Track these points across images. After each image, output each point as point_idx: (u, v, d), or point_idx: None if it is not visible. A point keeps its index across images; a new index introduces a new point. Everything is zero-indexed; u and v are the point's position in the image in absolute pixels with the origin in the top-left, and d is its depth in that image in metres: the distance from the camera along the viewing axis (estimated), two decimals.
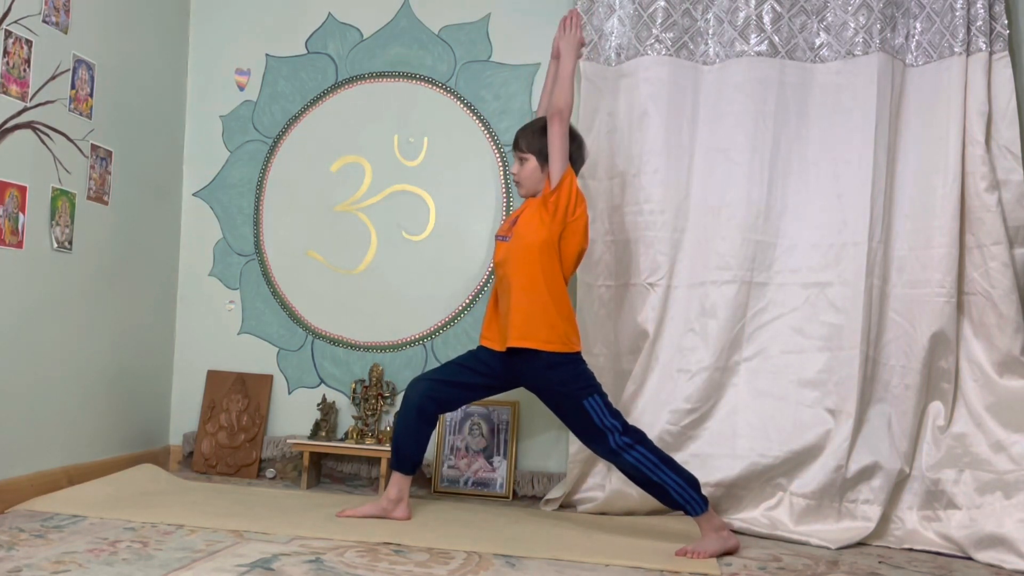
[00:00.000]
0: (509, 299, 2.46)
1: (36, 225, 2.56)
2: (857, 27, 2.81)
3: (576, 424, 2.47)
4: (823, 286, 2.76)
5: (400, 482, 2.57)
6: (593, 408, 2.40)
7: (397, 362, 3.23)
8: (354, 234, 3.29)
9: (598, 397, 2.42)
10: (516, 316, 2.44)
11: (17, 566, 1.87)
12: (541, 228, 2.44)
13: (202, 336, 3.35)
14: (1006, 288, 2.61)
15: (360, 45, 3.32)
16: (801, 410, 2.71)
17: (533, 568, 2.09)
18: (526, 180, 2.55)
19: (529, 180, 2.54)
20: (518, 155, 2.57)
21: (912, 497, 2.63)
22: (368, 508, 2.56)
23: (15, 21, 2.45)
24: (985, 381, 2.65)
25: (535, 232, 2.45)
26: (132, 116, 3.04)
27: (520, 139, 2.56)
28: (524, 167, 2.55)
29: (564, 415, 2.50)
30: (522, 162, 2.55)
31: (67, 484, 2.67)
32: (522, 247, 2.46)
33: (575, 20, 2.60)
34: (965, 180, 2.67)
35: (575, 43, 2.56)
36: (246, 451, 3.23)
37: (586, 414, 2.40)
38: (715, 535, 2.35)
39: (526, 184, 2.55)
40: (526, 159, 2.54)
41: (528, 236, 2.45)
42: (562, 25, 2.61)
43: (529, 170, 2.54)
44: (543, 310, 2.43)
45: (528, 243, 2.45)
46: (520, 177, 2.56)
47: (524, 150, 2.54)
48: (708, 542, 2.33)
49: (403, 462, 2.57)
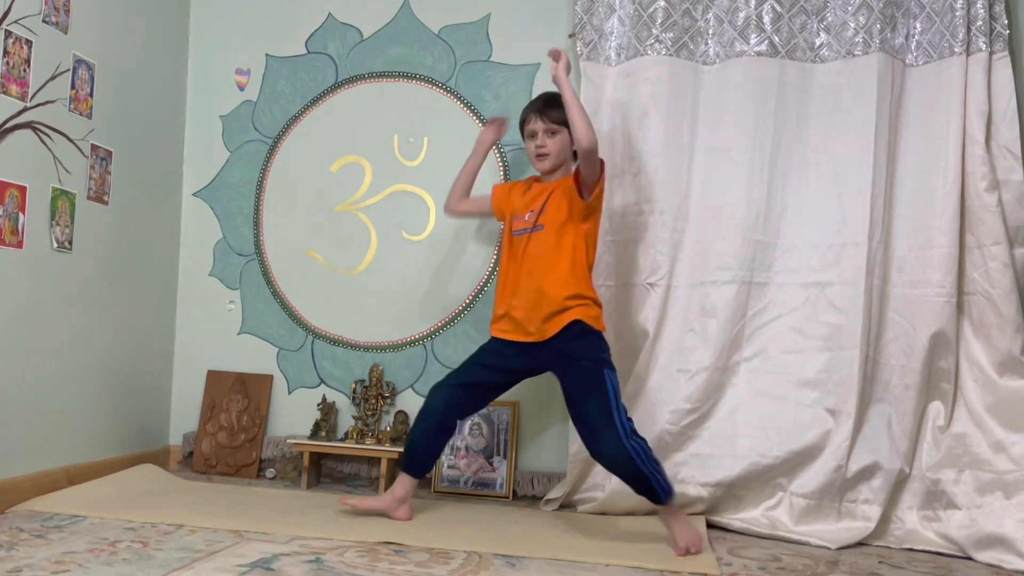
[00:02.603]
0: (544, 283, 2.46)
1: (36, 225, 2.56)
2: (857, 27, 2.81)
3: (592, 401, 2.38)
4: (823, 286, 2.76)
5: (407, 483, 2.56)
6: (611, 382, 2.38)
7: (397, 362, 3.23)
8: (354, 234, 3.29)
9: (615, 374, 2.43)
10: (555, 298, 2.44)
11: (17, 566, 1.87)
12: (574, 211, 2.48)
13: (202, 336, 3.35)
14: (1006, 288, 2.61)
15: (360, 45, 3.33)
16: (801, 410, 2.71)
17: (533, 568, 2.09)
18: (557, 154, 2.53)
19: (560, 155, 2.54)
20: (548, 127, 2.53)
21: (912, 497, 2.63)
22: (372, 502, 2.56)
23: (15, 21, 2.45)
24: (985, 381, 2.65)
25: (567, 215, 2.48)
26: (132, 116, 3.04)
27: (551, 109, 2.52)
28: (555, 139, 2.53)
29: (585, 388, 2.40)
30: (552, 134, 2.53)
31: (67, 484, 2.67)
32: (555, 230, 2.49)
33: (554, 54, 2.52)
34: (965, 180, 2.67)
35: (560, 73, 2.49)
36: (246, 451, 3.23)
37: (605, 388, 2.37)
38: (684, 518, 2.38)
39: (555, 158, 2.53)
40: (558, 131, 2.52)
41: (560, 218, 2.48)
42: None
43: (561, 143, 2.53)
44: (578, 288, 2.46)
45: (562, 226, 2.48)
46: (550, 149, 2.53)
47: (556, 121, 2.52)
48: (686, 528, 2.33)
49: (415, 466, 2.56)
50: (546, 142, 2.54)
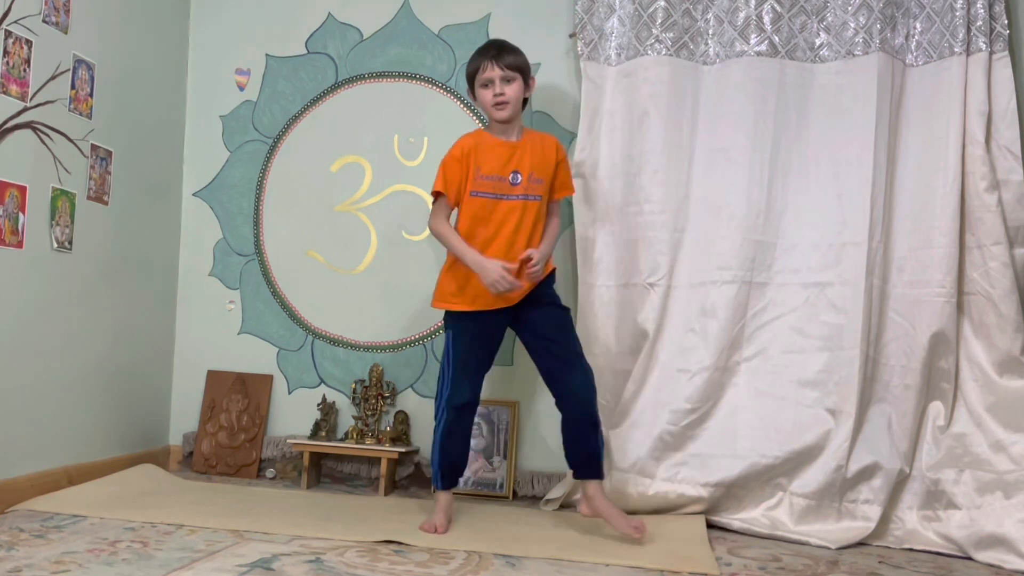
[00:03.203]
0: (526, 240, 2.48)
1: (36, 225, 2.56)
2: (857, 27, 2.81)
3: (566, 339, 2.50)
4: (823, 286, 2.76)
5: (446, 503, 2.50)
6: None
7: (397, 362, 3.23)
8: (354, 234, 3.29)
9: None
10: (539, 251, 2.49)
11: (17, 566, 1.87)
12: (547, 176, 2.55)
13: (202, 336, 3.35)
14: (1006, 288, 2.61)
15: (360, 45, 3.33)
16: (801, 410, 2.71)
17: (533, 568, 2.09)
18: (516, 101, 2.50)
19: (518, 102, 2.51)
20: (505, 74, 2.47)
21: (912, 497, 2.63)
22: (442, 522, 2.45)
23: (15, 21, 2.45)
24: (985, 381, 2.65)
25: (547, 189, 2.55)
26: (132, 116, 3.04)
27: (506, 55, 2.49)
28: (512, 86, 2.49)
29: (560, 328, 2.51)
30: (508, 81, 2.48)
31: (67, 484, 2.67)
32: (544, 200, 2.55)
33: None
34: (965, 180, 2.67)
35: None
36: (246, 451, 3.23)
37: (574, 328, 2.57)
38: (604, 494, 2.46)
39: (514, 106, 2.50)
40: (514, 78, 2.49)
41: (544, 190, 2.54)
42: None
43: (518, 90, 2.50)
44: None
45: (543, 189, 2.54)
46: (509, 96, 2.47)
47: (512, 67, 2.49)
48: (609, 505, 2.43)
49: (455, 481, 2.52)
50: (504, 90, 2.46)
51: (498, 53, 2.49)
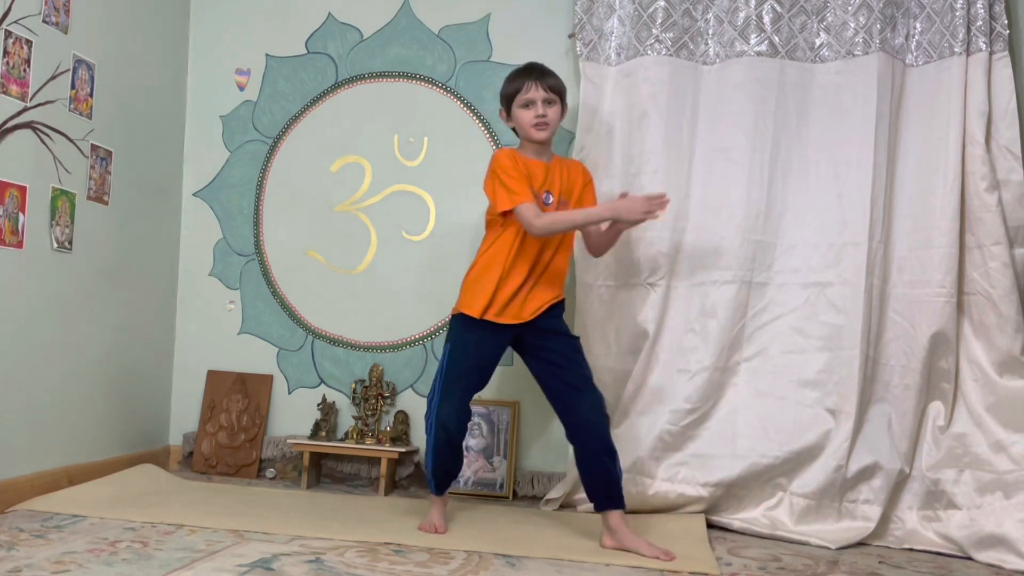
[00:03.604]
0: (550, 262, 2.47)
1: (36, 225, 2.56)
2: (857, 27, 2.81)
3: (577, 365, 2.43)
4: (823, 286, 2.76)
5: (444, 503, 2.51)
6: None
7: (397, 362, 3.23)
8: (354, 234, 3.29)
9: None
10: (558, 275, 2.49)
11: (17, 566, 1.87)
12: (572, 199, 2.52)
13: (202, 336, 3.35)
14: (1006, 288, 2.61)
15: (360, 45, 3.33)
16: (801, 410, 2.71)
17: (533, 568, 2.09)
18: (555, 124, 2.50)
19: (556, 125, 2.50)
20: (548, 96, 2.46)
21: (912, 497, 2.63)
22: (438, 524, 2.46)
23: (15, 21, 2.45)
24: (985, 381, 2.65)
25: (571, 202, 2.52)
26: (132, 116, 3.04)
27: (549, 77, 2.49)
28: (553, 108, 2.48)
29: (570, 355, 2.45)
30: (550, 103, 2.47)
31: (67, 484, 2.67)
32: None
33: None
34: (965, 180, 2.67)
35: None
36: (246, 451, 3.23)
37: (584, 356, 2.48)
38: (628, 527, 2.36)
39: (553, 129, 2.49)
40: (555, 101, 2.49)
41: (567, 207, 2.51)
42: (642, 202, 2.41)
43: (558, 113, 2.50)
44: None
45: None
46: (551, 119, 2.46)
47: (554, 90, 2.49)
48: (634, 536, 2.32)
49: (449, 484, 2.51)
50: (547, 112, 2.45)
51: (541, 75, 2.50)
